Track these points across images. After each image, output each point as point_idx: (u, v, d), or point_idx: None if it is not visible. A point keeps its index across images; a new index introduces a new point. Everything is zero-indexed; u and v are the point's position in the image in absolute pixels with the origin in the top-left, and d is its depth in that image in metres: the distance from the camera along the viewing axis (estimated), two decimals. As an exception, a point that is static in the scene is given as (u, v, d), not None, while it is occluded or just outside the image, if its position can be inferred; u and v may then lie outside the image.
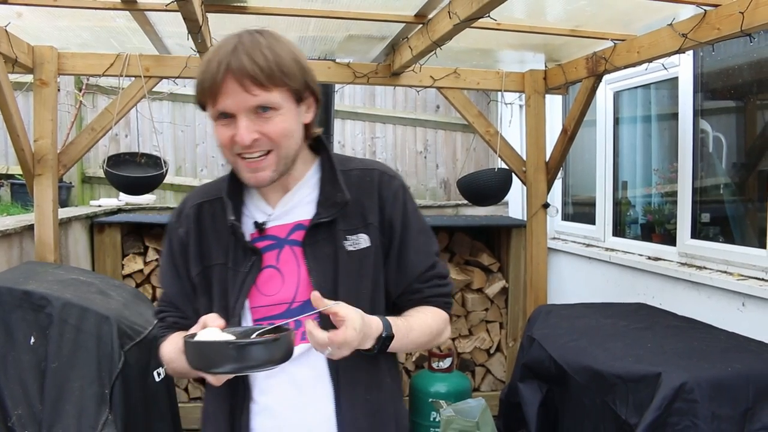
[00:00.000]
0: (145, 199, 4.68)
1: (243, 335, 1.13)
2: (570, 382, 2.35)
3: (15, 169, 4.59)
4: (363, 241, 1.28)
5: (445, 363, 3.58)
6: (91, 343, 2.14)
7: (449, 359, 3.60)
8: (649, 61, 2.62)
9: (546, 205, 3.55)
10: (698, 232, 3.08)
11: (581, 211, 4.35)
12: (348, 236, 1.27)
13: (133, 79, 3.12)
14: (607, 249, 3.76)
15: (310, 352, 1.23)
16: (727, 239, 2.96)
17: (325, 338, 1.09)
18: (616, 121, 3.88)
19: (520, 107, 4.40)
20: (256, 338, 1.10)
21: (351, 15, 2.56)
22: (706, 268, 2.90)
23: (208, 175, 5.34)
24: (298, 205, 1.30)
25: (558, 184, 4.30)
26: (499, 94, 3.55)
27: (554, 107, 4.32)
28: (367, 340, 1.16)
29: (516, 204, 4.85)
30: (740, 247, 2.81)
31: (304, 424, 1.26)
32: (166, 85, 4.52)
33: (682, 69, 3.11)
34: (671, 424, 1.90)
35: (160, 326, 1.39)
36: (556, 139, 3.48)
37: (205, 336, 1.09)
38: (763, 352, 2.21)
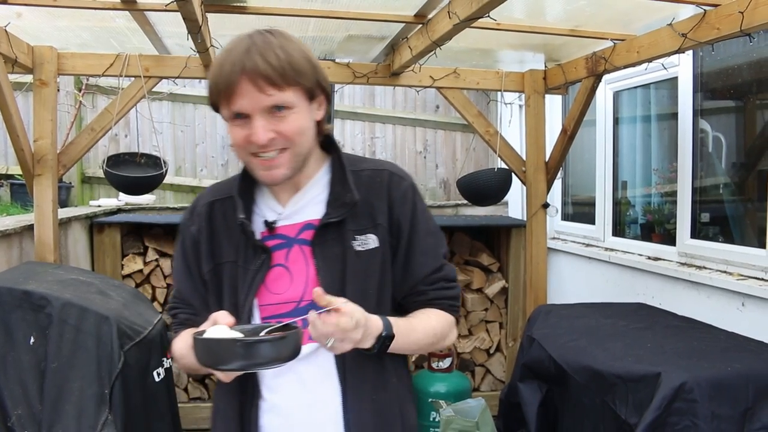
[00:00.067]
0: (145, 199, 4.69)
1: (252, 333, 1.14)
2: (570, 382, 2.35)
3: (15, 169, 4.59)
4: (371, 241, 1.28)
5: (445, 363, 3.58)
6: (91, 343, 2.14)
7: (449, 359, 3.60)
8: (649, 60, 2.62)
9: (546, 205, 3.55)
10: (698, 231, 3.08)
11: (581, 211, 4.35)
12: (357, 236, 1.28)
13: (133, 79, 3.12)
14: (606, 249, 3.76)
15: (318, 351, 1.25)
16: (726, 239, 2.96)
17: (316, 321, 1.09)
18: (616, 121, 3.88)
19: (520, 107, 4.40)
20: (263, 336, 1.11)
21: (350, 15, 2.56)
22: (705, 268, 2.90)
23: (207, 175, 5.34)
24: (309, 204, 1.31)
25: (558, 184, 4.30)
26: (499, 94, 3.55)
27: (554, 107, 4.32)
28: (368, 338, 1.16)
29: (516, 204, 4.85)
30: (740, 246, 2.81)
31: (311, 423, 1.27)
32: (166, 85, 4.52)
33: (682, 69, 3.11)
34: (671, 424, 1.90)
35: (172, 322, 1.40)
36: (555, 139, 3.48)
37: (214, 333, 1.10)
38: (763, 351, 2.21)
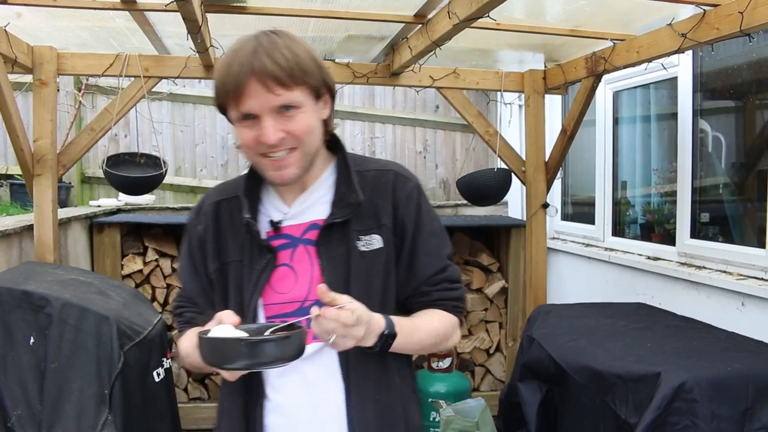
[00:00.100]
0: (145, 199, 4.68)
1: (257, 332, 1.15)
2: (570, 381, 2.35)
3: (14, 170, 4.59)
4: (376, 241, 1.29)
5: (445, 363, 3.58)
6: (91, 343, 2.14)
7: (449, 359, 3.60)
8: (649, 60, 2.62)
9: (545, 205, 3.55)
10: (698, 231, 3.08)
11: (581, 211, 4.35)
12: (361, 237, 1.28)
13: (133, 79, 3.12)
14: (606, 249, 3.76)
15: (322, 350, 1.25)
16: (726, 239, 2.96)
17: (318, 316, 1.09)
18: (616, 121, 3.88)
19: (520, 107, 4.40)
20: (268, 335, 1.12)
21: (350, 15, 2.56)
22: (705, 268, 2.90)
23: (207, 175, 5.34)
24: (314, 204, 1.32)
25: (557, 184, 4.30)
26: (499, 94, 3.55)
27: (554, 107, 4.32)
28: (370, 336, 1.16)
29: (515, 204, 4.85)
30: (740, 246, 2.81)
31: (315, 422, 1.28)
32: (166, 86, 4.51)
33: (682, 69, 3.11)
34: (671, 424, 1.90)
35: (178, 321, 1.41)
36: (555, 139, 3.48)
37: (219, 332, 1.11)
38: (763, 351, 2.21)
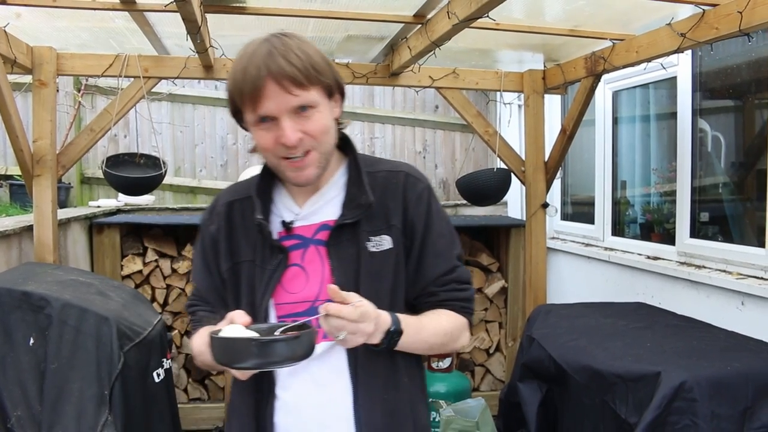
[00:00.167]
0: (144, 199, 4.68)
1: (267, 332, 1.17)
2: (569, 381, 2.35)
3: (14, 170, 4.58)
4: (386, 242, 1.30)
5: (445, 363, 3.58)
6: (91, 344, 2.14)
7: (449, 359, 3.60)
8: (648, 60, 2.63)
9: (545, 205, 3.55)
10: (697, 231, 3.08)
11: (580, 211, 4.35)
12: (371, 237, 1.29)
13: (132, 79, 3.11)
14: (606, 248, 3.76)
15: (331, 350, 1.27)
16: (726, 238, 2.97)
17: (326, 309, 1.11)
18: (615, 121, 3.88)
19: (519, 107, 4.40)
20: (278, 335, 1.14)
21: (350, 15, 2.56)
22: (705, 267, 2.90)
23: (207, 175, 5.34)
24: (325, 205, 1.33)
25: (557, 183, 4.30)
26: (498, 94, 3.55)
27: (553, 107, 4.32)
28: (377, 333, 1.18)
29: (515, 204, 4.85)
30: (739, 246, 2.81)
31: (323, 421, 1.29)
32: (165, 86, 4.51)
33: (681, 68, 3.11)
34: (671, 423, 1.90)
35: (191, 319, 1.43)
36: (555, 138, 3.48)
37: (230, 332, 1.13)
38: (762, 350, 2.21)
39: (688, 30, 2.29)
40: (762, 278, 2.59)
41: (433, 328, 1.31)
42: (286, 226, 1.32)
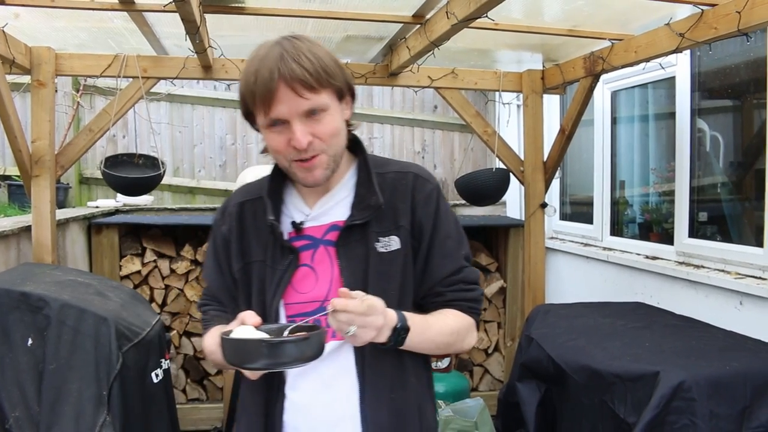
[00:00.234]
0: (143, 200, 4.68)
1: (277, 332, 1.18)
2: (568, 381, 2.35)
3: (12, 170, 4.58)
4: (394, 243, 1.31)
5: (443, 363, 3.58)
6: (89, 344, 2.14)
7: (447, 359, 3.60)
8: (647, 60, 2.63)
9: (544, 205, 3.55)
10: (696, 231, 3.08)
11: (579, 211, 4.35)
12: (380, 238, 1.31)
13: (131, 79, 3.11)
14: (604, 248, 3.76)
15: (339, 349, 1.28)
16: (724, 238, 2.97)
17: (332, 305, 1.12)
18: (614, 121, 3.88)
19: (518, 107, 4.41)
20: (288, 336, 1.15)
21: (349, 15, 2.56)
22: (703, 267, 2.90)
23: (205, 175, 5.33)
24: (335, 206, 1.35)
25: (556, 183, 4.30)
26: (497, 94, 3.55)
27: (552, 107, 4.33)
28: (384, 330, 1.19)
29: (514, 204, 4.85)
30: (738, 245, 2.81)
31: (330, 421, 1.30)
32: (164, 86, 4.51)
33: (680, 68, 3.11)
34: (669, 423, 1.90)
35: (203, 318, 1.45)
36: (553, 138, 3.48)
37: (241, 333, 1.14)
38: (761, 350, 2.21)
39: (687, 30, 2.29)
40: (760, 278, 2.59)
41: (440, 328, 1.32)
42: (297, 226, 1.33)
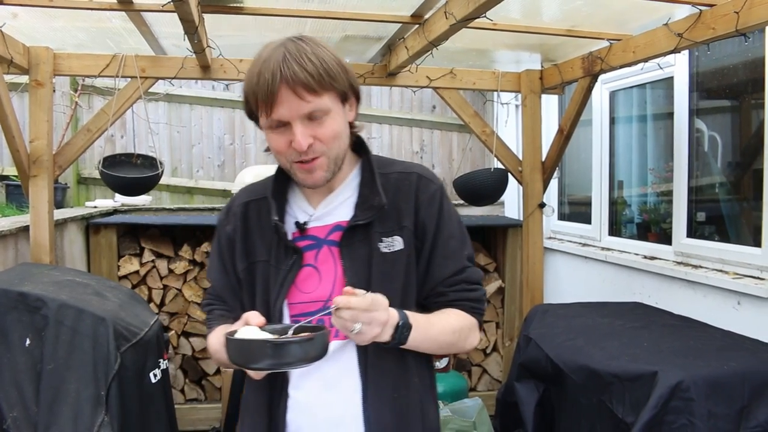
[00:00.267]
0: (141, 200, 4.68)
1: (281, 333, 1.19)
2: (566, 381, 2.36)
3: (10, 170, 4.58)
4: (397, 243, 1.32)
5: (442, 363, 3.59)
6: (87, 344, 2.14)
7: (446, 359, 3.60)
8: (645, 60, 2.63)
9: (542, 205, 3.55)
10: (694, 231, 3.09)
11: (577, 211, 4.35)
12: (383, 238, 1.31)
13: (129, 79, 3.11)
14: (603, 248, 3.77)
15: (342, 349, 1.29)
16: (722, 238, 2.97)
17: (335, 303, 1.13)
18: (612, 121, 3.88)
19: (516, 107, 4.41)
20: (291, 337, 1.16)
21: (347, 15, 2.56)
22: (701, 267, 2.91)
23: (204, 175, 5.33)
24: (339, 206, 1.35)
25: (554, 183, 4.30)
26: (495, 94, 3.55)
27: (550, 107, 4.33)
28: (387, 328, 1.19)
29: (512, 204, 4.85)
30: (736, 245, 2.82)
31: (333, 420, 1.30)
32: (162, 86, 4.50)
33: (678, 68, 3.12)
34: (668, 423, 1.90)
35: (207, 318, 1.46)
36: (552, 138, 3.48)
37: (245, 334, 1.16)
38: (759, 350, 2.21)
39: (685, 30, 2.30)
40: (758, 278, 2.59)
41: (442, 327, 1.32)
42: (300, 227, 1.34)
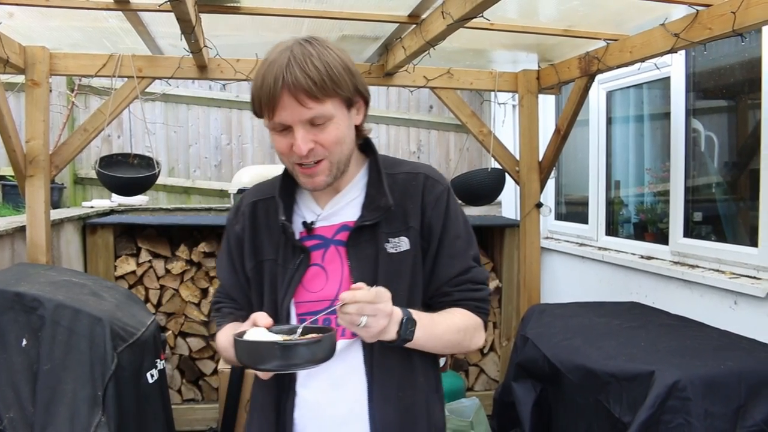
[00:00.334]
0: (138, 200, 4.67)
1: (289, 333, 1.20)
2: (563, 381, 2.36)
3: (6, 170, 4.57)
4: (404, 243, 1.33)
5: (440, 362, 3.58)
6: (84, 344, 2.13)
7: (443, 359, 3.60)
8: (642, 60, 2.63)
9: (539, 205, 3.56)
10: (690, 230, 3.09)
11: (574, 211, 4.36)
12: (390, 239, 1.32)
13: (126, 79, 3.10)
14: (600, 248, 3.77)
15: (348, 349, 1.30)
16: (719, 238, 2.98)
17: (341, 299, 1.14)
18: (609, 121, 3.89)
19: (514, 107, 4.41)
20: (299, 339, 1.17)
21: (344, 15, 2.56)
22: (698, 267, 2.91)
23: (200, 175, 5.32)
24: (346, 206, 1.36)
25: (551, 183, 4.31)
26: (492, 94, 3.55)
27: (547, 107, 4.34)
28: (393, 324, 1.20)
29: (509, 204, 4.86)
30: (732, 245, 2.82)
31: (339, 419, 1.31)
32: (159, 86, 4.50)
33: (675, 69, 3.12)
34: (664, 422, 1.91)
35: (216, 316, 1.48)
36: (549, 138, 3.49)
37: (253, 335, 1.17)
38: (755, 349, 2.22)
39: (682, 30, 2.30)
40: (755, 277, 2.60)
41: (447, 325, 1.33)
42: (308, 226, 1.35)
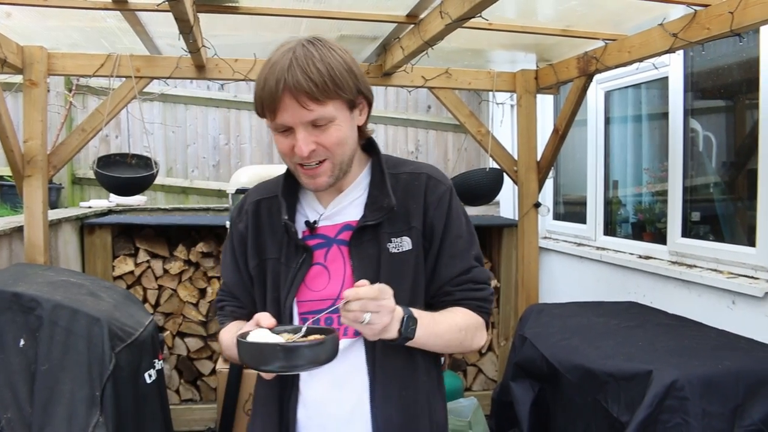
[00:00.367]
0: (136, 200, 4.67)
1: (292, 334, 1.21)
2: (562, 380, 2.36)
3: (4, 171, 4.56)
4: (406, 243, 1.34)
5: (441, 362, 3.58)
6: (82, 345, 2.13)
7: (441, 359, 3.59)
8: (640, 60, 2.64)
9: (537, 205, 3.56)
10: (689, 230, 3.09)
11: (572, 211, 4.36)
12: (392, 238, 1.33)
13: (124, 79, 3.10)
14: (598, 248, 3.77)
15: (351, 348, 1.31)
16: (717, 237, 2.98)
17: (345, 297, 1.14)
18: (607, 121, 3.89)
19: (512, 107, 4.41)
20: (302, 341, 1.17)
21: (343, 15, 2.56)
22: (696, 267, 2.92)
23: (199, 175, 5.32)
24: (348, 206, 1.37)
25: (549, 183, 4.31)
26: (491, 94, 3.56)
27: (545, 107, 4.34)
28: (395, 322, 1.20)
29: (507, 204, 4.86)
30: (730, 245, 2.83)
31: (341, 417, 1.32)
32: (157, 86, 4.50)
33: (673, 68, 3.13)
34: (662, 422, 1.91)
35: (219, 314, 1.49)
36: (547, 138, 3.49)
37: (256, 336, 1.16)
38: (753, 349, 2.22)
39: (680, 30, 2.30)
40: (753, 277, 2.60)
41: (448, 324, 1.33)
42: (310, 225, 1.36)
